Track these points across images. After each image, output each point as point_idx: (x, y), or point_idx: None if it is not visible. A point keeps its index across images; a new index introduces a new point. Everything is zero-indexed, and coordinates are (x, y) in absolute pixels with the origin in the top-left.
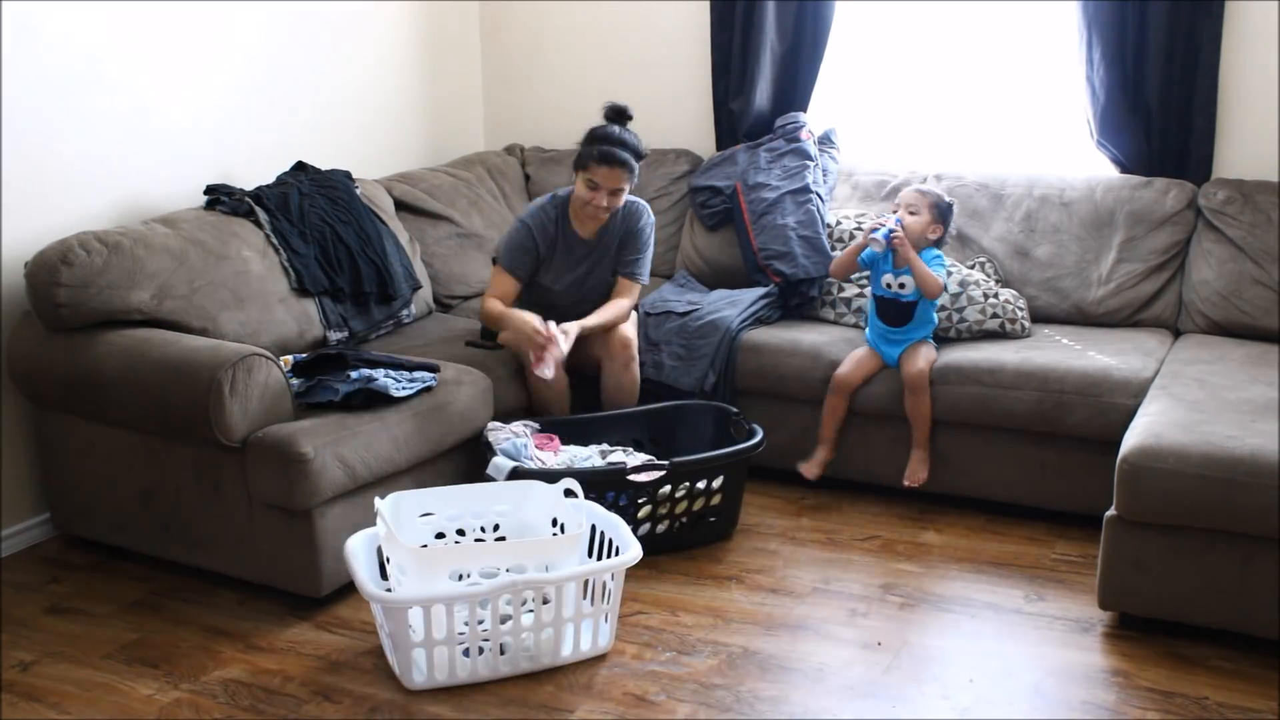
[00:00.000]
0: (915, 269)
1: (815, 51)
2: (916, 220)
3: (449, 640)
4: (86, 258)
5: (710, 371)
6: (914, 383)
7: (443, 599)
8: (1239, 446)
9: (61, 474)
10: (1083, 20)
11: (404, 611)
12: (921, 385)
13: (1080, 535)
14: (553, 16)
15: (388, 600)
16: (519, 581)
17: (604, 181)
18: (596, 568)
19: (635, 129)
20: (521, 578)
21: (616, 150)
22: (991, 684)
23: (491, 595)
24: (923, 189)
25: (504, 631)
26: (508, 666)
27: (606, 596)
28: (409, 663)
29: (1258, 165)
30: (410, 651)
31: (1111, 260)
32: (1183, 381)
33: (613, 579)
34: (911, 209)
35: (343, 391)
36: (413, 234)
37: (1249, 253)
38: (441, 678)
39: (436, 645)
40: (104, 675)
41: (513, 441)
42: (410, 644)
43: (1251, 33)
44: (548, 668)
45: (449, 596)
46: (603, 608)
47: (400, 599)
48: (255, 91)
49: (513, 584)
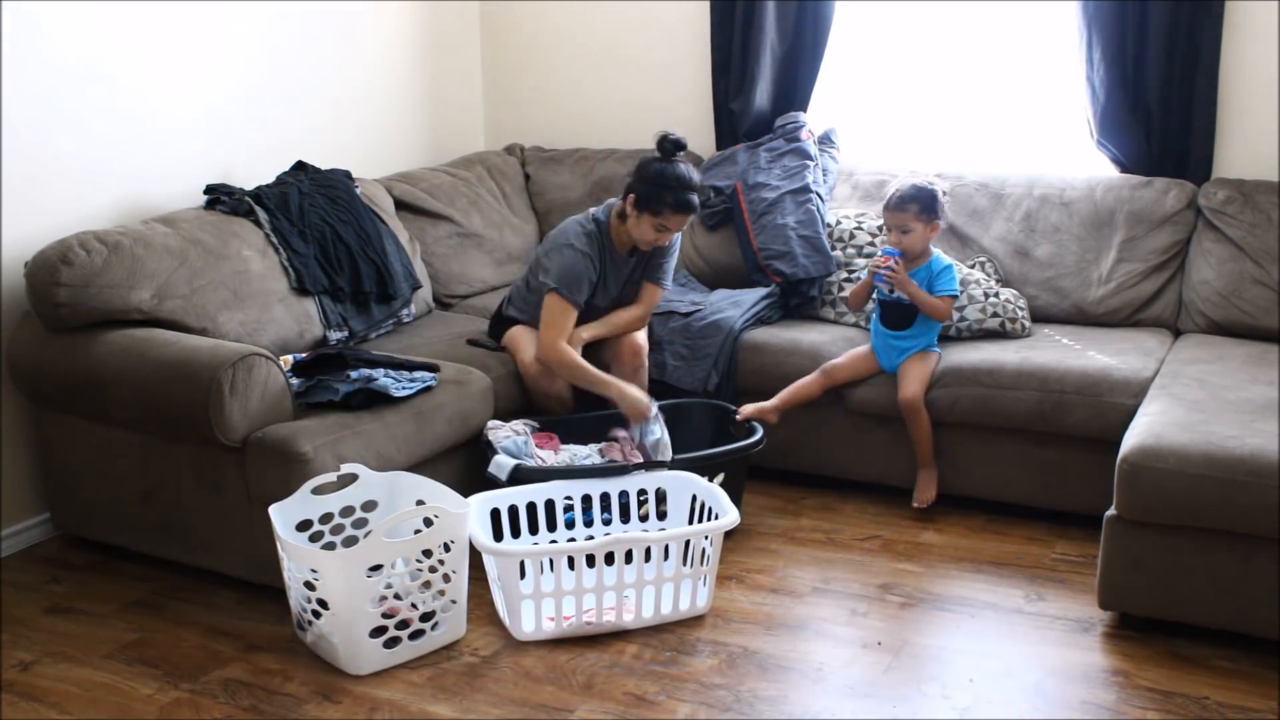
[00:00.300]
0: (918, 301)
1: (815, 51)
2: (911, 236)
3: (556, 593)
4: (86, 257)
5: (713, 372)
6: (908, 407)
7: (548, 552)
8: (1239, 446)
9: (61, 474)
10: (1083, 20)
11: (514, 563)
12: (916, 409)
13: (1080, 535)
14: (553, 16)
15: (499, 551)
16: (622, 539)
17: (677, 228)
18: (695, 530)
19: (634, 129)
20: (624, 536)
21: (694, 198)
22: (991, 684)
23: (596, 550)
24: (900, 201)
25: (607, 586)
26: (610, 619)
27: (705, 560)
28: (517, 613)
29: (1258, 165)
30: (519, 602)
31: (1111, 260)
32: (1183, 381)
33: (710, 542)
34: (902, 228)
35: (343, 391)
36: (413, 233)
37: (1249, 253)
38: (549, 628)
39: (544, 597)
40: (104, 675)
41: (514, 440)
42: (520, 595)
43: (1251, 33)
44: (648, 625)
45: (555, 550)
46: (701, 570)
47: (511, 550)
48: (255, 91)
49: (615, 541)
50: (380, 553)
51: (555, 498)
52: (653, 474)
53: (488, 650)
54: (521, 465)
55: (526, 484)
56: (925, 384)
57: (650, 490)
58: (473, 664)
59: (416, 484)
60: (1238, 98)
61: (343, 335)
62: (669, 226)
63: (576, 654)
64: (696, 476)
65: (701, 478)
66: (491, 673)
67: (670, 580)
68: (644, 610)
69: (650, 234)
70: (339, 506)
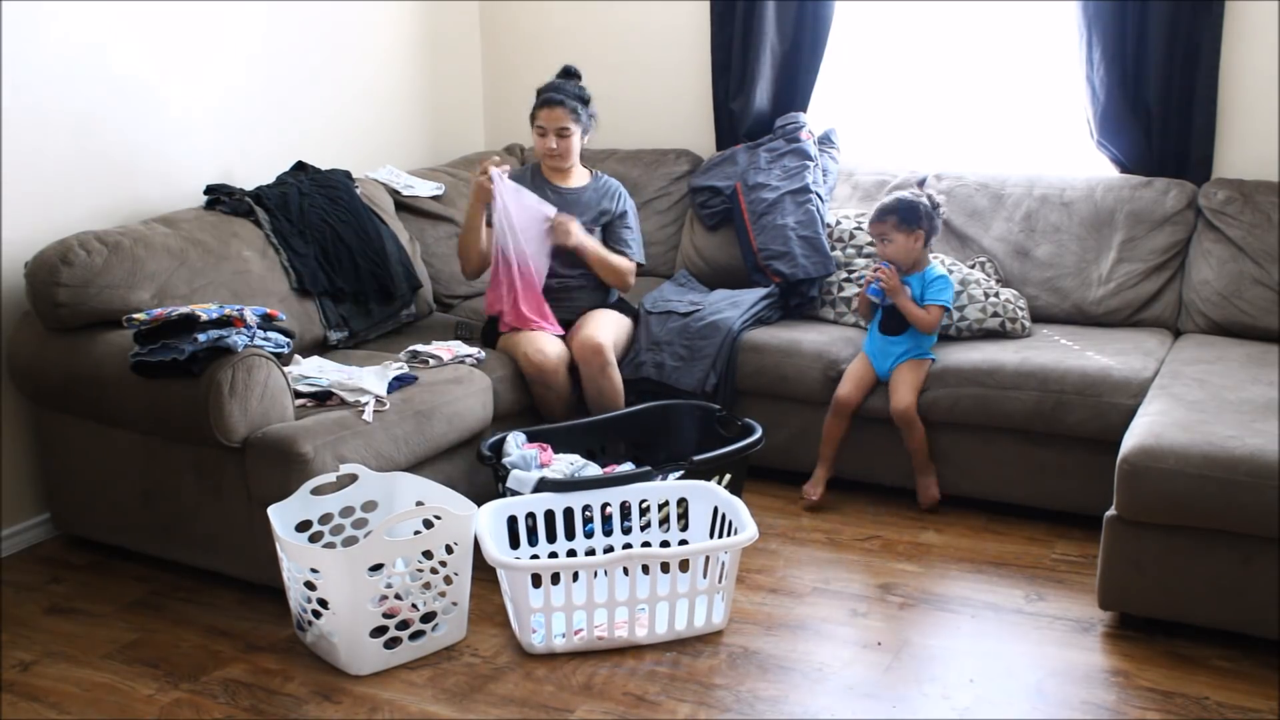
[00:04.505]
0: (905, 311)
1: (815, 51)
2: (892, 246)
3: (566, 607)
4: (86, 258)
5: (712, 372)
6: (901, 419)
7: (557, 567)
8: (1239, 446)
9: (61, 474)
10: (1083, 20)
11: (525, 576)
12: (910, 420)
13: (1080, 535)
14: (553, 16)
15: (509, 565)
16: (635, 555)
17: (547, 123)
18: (712, 545)
19: (634, 129)
20: (638, 551)
21: (553, 93)
22: (991, 684)
23: (609, 565)
24: (877, 215)
25: (619, 601)
26: (623, 634)
27: (722, 574)
28: (527, 626)
29: (1258, 165)
30: (529, 616)
31: (1111, 260)
32: (1183, 381)
33: (729, 557)
34: (882, 238)
35: (188, 351)
36: (413, 234)
37: (1249, 253)
38: (560, 644)
39: (555, 611)
40: (104, 675)
41: (521, 454)
42: (529, 609)
43: (1251, 33)
44: (662, 640)
45: (567, 565)
46: (717, 585)
47: (520, 564)
48: (255, 91)
49: (628, 556)
50: (381, 552)
51: (575, 506)
52: (673, 484)
53: (488, 651)
54: (545, 478)
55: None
56: (917, 392)
57: (671, 499)
58: (473, 665)
59: (416, 485)
60: (1238, 98)
61: (343, 335)
62: (542, 125)
63: (577, 655)
64: (719, 488)
65: (724, 490)
66: (492, 673)
67: (685, 596)
68: (658, 626)
69: (539, 143)
70: (339, 507)
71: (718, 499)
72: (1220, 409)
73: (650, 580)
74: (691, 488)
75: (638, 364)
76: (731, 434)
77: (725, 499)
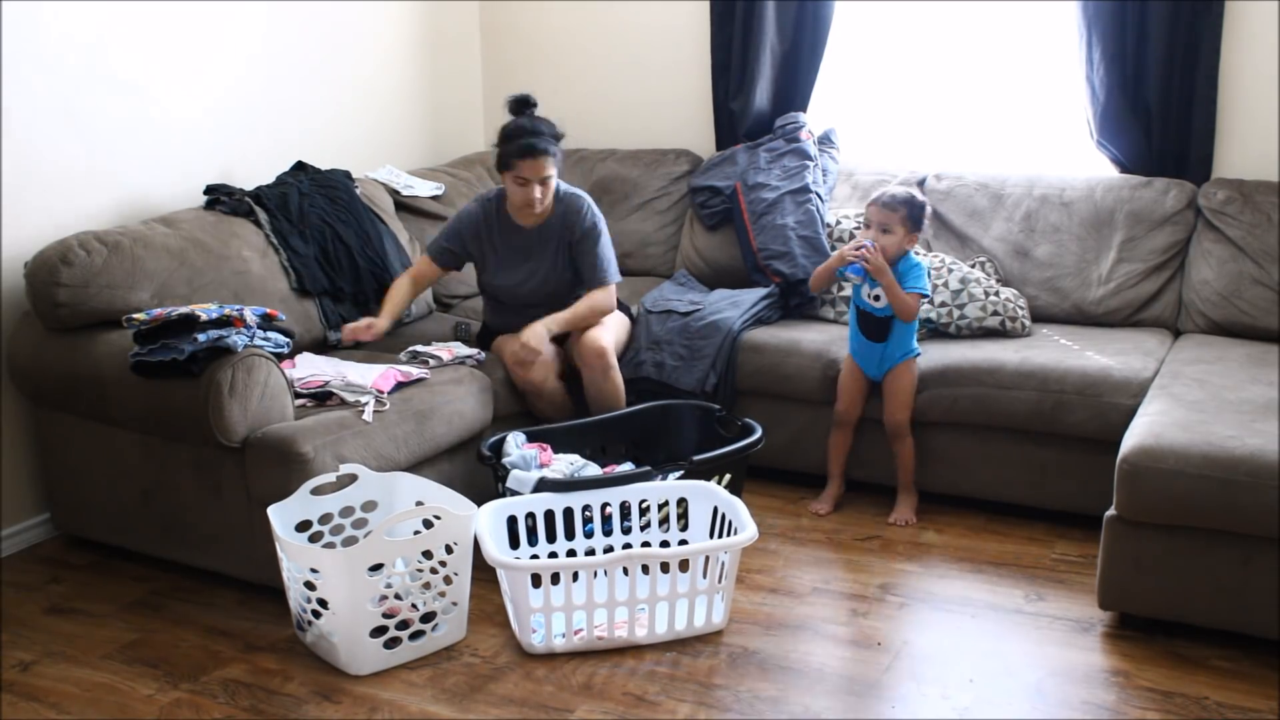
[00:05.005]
0: (889, 292)
1: (815, 51)
2: (890, 238)
3: (566, 607)
4: (86, 258)
5: (711, 372)
6: (894, 431)
7: (557, 567)
8: (1239, 446)
9: (61, 474)
10: (1083, 20)
11: (524, 576)
12: (903, 434)
13: (1080, 535)
14: (553, 16)
15: (508, 565)
16: (635, 555)
17: (531, 174)
18: (712, 545)
19: (634, 129)
20: (638, 551)
21: (535, 141)
22: (991, 684)
23: (609, 565)
24: (891, 201)
25: (619, 601)
26: (622, 634)
27: (722, 575)
28: (527, 626)
29: (1258, 165)
30: (529, 616)
31: (1111, 260)
32: (1183, 381)
33: (728, 557)
34: (884, 226)
35: (188, 351)
36: (413, 234)
37: (1249, 253)
38: (560, 644)
39: (554, 611)
40: (104, 675)
41: (521, 454)
42: (529, 609)
43: (1251, 33)
44: (661, 640)
45: (567, 565)
46: (717, 585)
47: (520, 564)
48: (255, 91)
49: (628, 556)
50: (381, 552)
51: (575, 506)
52: (673, 484)
53: (488, 651)
54: (545, 478)
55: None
56: (910, 407)
57: (671, 499)
58: (473, 665)
59: (416, 485)
60: (1238, 98)
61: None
62: (525, 176)
63: (577, 655)
64: (719, 488)
65: (724, 490)
66: (492, 673)
67: (685, 596)
68: (657, 626)
69: (517, 191)
70: (338, 507)
71: (718, 499)
72: (1220, 409)
73: (650, 580)
74: (691, 488)
75: (637, 363)
76: (731, 434)
77: (725, 499)
